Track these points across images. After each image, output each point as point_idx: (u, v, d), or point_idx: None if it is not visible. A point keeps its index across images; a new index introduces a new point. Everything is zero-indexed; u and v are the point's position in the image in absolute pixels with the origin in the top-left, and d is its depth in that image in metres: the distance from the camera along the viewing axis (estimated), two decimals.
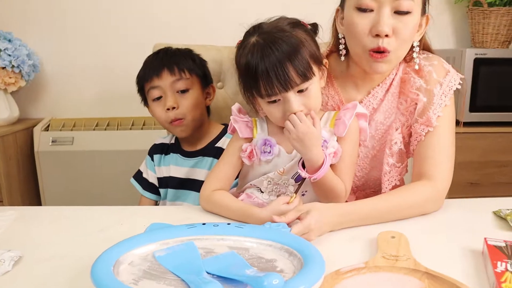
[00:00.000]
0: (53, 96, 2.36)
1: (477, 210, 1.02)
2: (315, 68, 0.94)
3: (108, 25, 2.30)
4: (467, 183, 2.03)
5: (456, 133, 1.99)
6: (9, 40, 2.05)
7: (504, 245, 0.77)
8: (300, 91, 0.92)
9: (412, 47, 1.03)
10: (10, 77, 2.04)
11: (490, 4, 2.07)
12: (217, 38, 1.88)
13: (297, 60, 0.90)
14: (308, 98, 0.93)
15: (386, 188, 1.08)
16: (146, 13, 2.28)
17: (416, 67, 1.04)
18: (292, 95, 0.92)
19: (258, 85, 0.92)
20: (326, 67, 1.00)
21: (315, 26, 1.02)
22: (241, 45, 0.96)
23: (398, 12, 0.94)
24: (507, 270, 0.69)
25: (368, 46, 0.96)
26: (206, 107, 1.35)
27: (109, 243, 0.73)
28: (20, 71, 2.06)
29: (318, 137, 0.92)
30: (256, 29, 0.96)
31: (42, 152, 2.14)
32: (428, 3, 1.02)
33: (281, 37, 0.91)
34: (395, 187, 1.08)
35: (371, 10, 0.95)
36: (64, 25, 2.29)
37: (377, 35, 0.94)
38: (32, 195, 2.24)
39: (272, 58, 0.89)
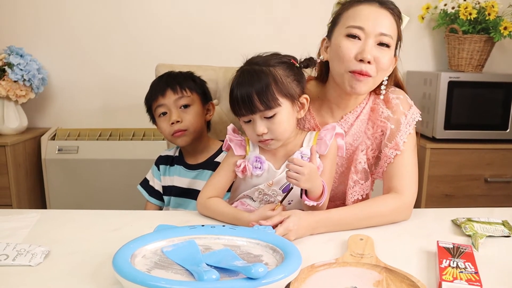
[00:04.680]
0: (60, 108, 2.44)
1: (439, 219, 1.16)
2: (282, 100, 1.06)
3: (112, 44, 2.39)
4: (442, 195, 2.15)
5: (431, 148, 2.18)
6: (21, 56, 2.16)
7: (452, 246, 0.92)
8: (267, 118, 1.06)
9: (382, 80, 1.16)
10: (21, 90, 2.16)
11: (465, 32, 2.22)
12: (214, 59, 2.02)
13: (263, 92, 1.03)
14: (273, 124, 1.06)
15: (349, 201, 1.21)
16: (149, 35, 2.39)
17: (381, 97, 1.18)
18: (258, 119, 1.06)
19: (233, 106, 1.08)
20: (307, 101, 1.12)
21: (310, 61, 1.15)
22: (237, 70, 1.11)
23: (380, 44, 1.09)
24: (449, 266, 0.83)
25: (351, 68, 1.09)
26: (206, 122, 1.47)
27: (122, 241, 0.85)
28: (31, 84, 2.17)
29: (317, 170, 1.04)
30: (249, 60, 1.11)
31: (49, 159, 2.22)
32: (400, 47, 1.16)
33: (258, 71, 1.06)
34: (357, 201, 1.21)
35: (359, 39, 1.09)
36: (71, 41, 2.38)
37: (361, 60, 1.08)
38: (38, 200, 2.33)
39: (244, 87, 1.05)
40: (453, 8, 2.24)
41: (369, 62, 1.08)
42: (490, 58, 2.34)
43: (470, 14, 2.18)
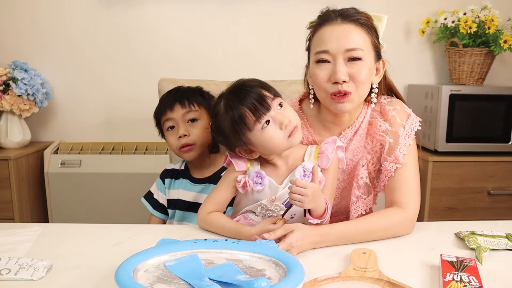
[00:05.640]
0: (63, 122, 2.45)
1: (442, 232, 1.15)
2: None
3: (115, 58, 2.41)
4: (445, 208, 2.13)
5: (434, 161, 2.17)
6: (25, 70, 2.18)
7: (455, 260, 0.91)
8: (280, 105, 1.07)
9: (372, 88, 1.16)
10: (25, 104, 2.18)
11: (465, 45, 2.23)
12: (217, 73, 2.03)
13: (263, 85, 1.07)
14: (285, 110, 1.07)
15: (353, 216, 1.20)
16: (151, 50, 2.40)
17: (373, 105, 1.18)
18: (273, 111, 1.06)
19: (246, 120, 1.04)
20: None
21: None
22: (215, 116, 1.10)
23: (351, 60, 1.09)
24: (453, 279, 0.83)
25: (329, 91, 1.11)
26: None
27: (125, 255, 0.85)
28: (35, 98, 2.18)
29: (319, 190, 1.03)
30: (220, 96, 1.11)
31: (52, 173, 2.22)
32: (380, 49, 1.16)
33: (243, 87, 1.07)
34: (360, 215, 1.19)
35: (328, 62, 1.10)
36: (75, 56, 2.40)
37: (336, 82, 1.09)
38: (40, 214, 2.32)
39: (246, 93, 1.04)
40: (453, 22, 2.25)
41: (344, 81, 1.08)
42: (490, 71, 2.34)
43: (470, 27, 2.19)
